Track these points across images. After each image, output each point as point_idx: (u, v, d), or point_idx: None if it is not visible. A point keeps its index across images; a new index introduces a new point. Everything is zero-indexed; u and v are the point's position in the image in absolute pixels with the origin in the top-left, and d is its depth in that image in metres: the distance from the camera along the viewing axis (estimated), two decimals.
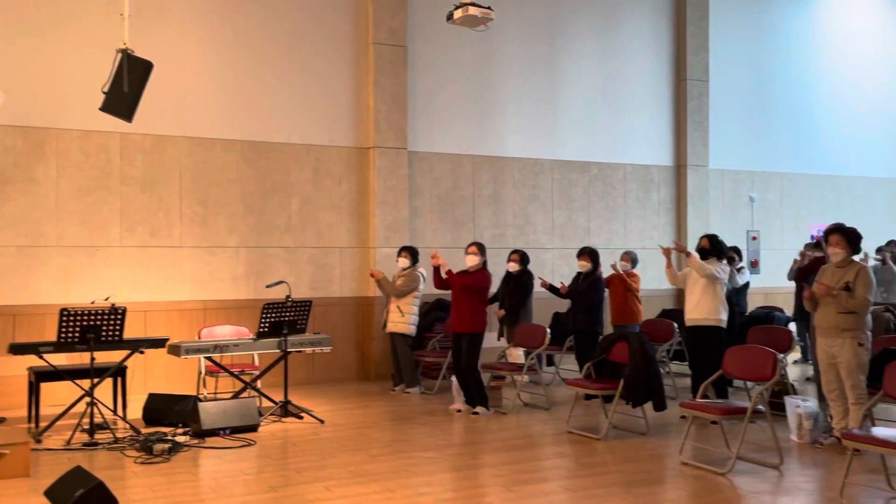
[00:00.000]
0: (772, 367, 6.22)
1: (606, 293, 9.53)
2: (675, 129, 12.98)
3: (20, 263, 8.95)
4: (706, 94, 13.08)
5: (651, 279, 11.51)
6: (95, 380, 7.11)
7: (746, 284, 10.80)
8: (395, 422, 8.03)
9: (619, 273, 9.57)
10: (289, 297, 8.06)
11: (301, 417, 7.94)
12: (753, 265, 13.30)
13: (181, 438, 6.94)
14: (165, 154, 9.68)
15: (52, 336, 7.48)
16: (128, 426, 7.33)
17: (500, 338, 9.90)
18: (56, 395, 7.95)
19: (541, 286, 9.58)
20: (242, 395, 8.01)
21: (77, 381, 7.27)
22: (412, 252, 9.62)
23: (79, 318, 6.98)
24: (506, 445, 7.03)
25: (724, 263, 8.02)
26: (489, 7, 8.32)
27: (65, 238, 9.16)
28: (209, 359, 8.09)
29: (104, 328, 7.07)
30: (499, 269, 9.84)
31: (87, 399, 7.03)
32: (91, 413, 6.98)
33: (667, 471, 6.20)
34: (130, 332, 8.20)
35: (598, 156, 12.38)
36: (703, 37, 13.05)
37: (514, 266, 9.76)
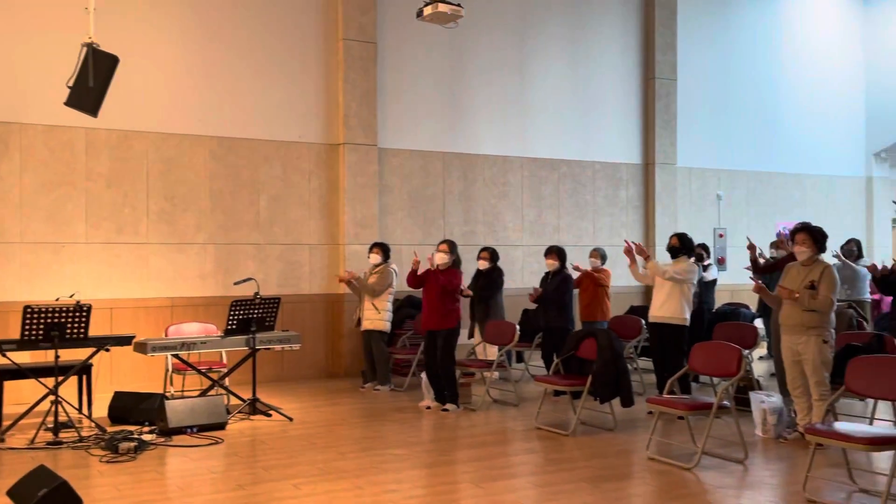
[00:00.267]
0: (737, 363, 6.30)
1: (576, 290, 9.58)
2: (644, 128, 13.08)
3: None
4: (674, 93, 13.19)
5: (619, 276, 11.56)
6: (60, 378, 7.02)
7: (714, 281, 10.92)
8: (365, 419, 8.02)
9: (587, 271, 9.62)
10: (257, 294, 8.01)
11: (269, 415, 7.90)
12: (720, 262, 13.45)
13: (147, 437, 6.89)
14: (132, 150, 9.57)
15: (16, 334, 7.36)
16: (93, 425, 7.25)
17: (471, 336, 9.91)
18: (19, 394, 7.83)
19: (530, 300, 9.52)
20: (210, 393, 7.95)
21: (41, 380, 7.17)
22: (384, 248, 9.60)
23: (43, 316, 6.88)
24: (475, 442, 7.05)
25: (692, 262, 8.08)
26: (459, 4, 8.33)
27: (29, 234, 9.03)
28: (176, 356, 8.01)
29: (69, 326, 6.98)
30: (469, 267, 9.84)
31: (52, 397, 6.94)
32: (55, 411, 6.90)
33: (634, 466, 6.25)
34: (96, 330, 8.10)
35: (568, 153, 12.45)
36: (671, 36, 13.17)
37: (484, 263, 9.79)
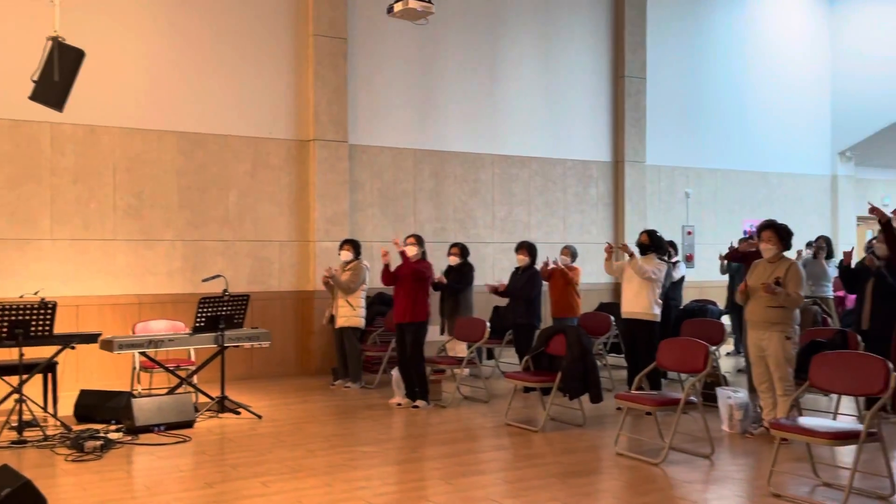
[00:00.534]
0: (703, 359, 6.36)
1: (545, 287, 9.63)
2: (614, 126, 13.17)
3: None
4: (643, 92, 13.29)
5: (589, 273, 11.66)
6: (24, 376, 6.92)
7: (682, 278, 11.01)
8: (335, 416, 8.00)
9: (559, 267, 9.67)
10: (226, 292, 7.96)
11: (238, 413, 7.85)
12: (688, 259, 13.59)
13: (114, 435, 6.81)
14: (98, 145, 9.45)
15: None
16: (58, 423, 7.15)
17: (442, 332, 9.92)
18: None
19: (488, 291, 9.66)
20: (178, 391, 7.88)
21: (5, 378, 7.08)
22: (355, 245, 9.57)
23: (7, 313, 6.78)
24: (445, 438, 7.06)
25: (662, 266, 8.17)
26: (430, 1, 8.32)
27: None
28: (143, 354, 7.94)
29: (33, 323, 6.89)
30: (440, 264, 9.86)
31: (16, 396, 6.83)
32: (20, 410, 6.80)
33: (602, 461, 6.30)
34: (62, 328, 7.98)
35: (539, 151, 12.50)
36: (641, 35, 13.26)
37: (455, 259, 9.82)
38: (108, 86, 9.44)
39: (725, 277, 11.45)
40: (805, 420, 5.72)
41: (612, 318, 9.63)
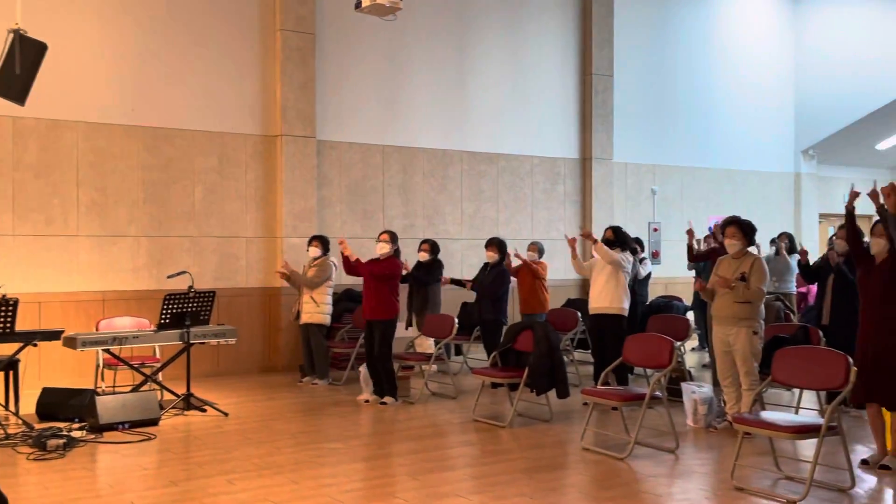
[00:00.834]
0: (669, 355, 6.43)
1: (513, 283, 9.67)
2: (581, 123, 13.24)
3: None
4: (611, 89, 13.37)
5: (557, 269, 11.72)
6: None
7: (648, 275, 11.12)
8: (302, 413, 7.96)
9: (526, 261, 9.71)
10: (191, 288, 7.89)
11: (204, 410, 7.79)
12: (654, 256, 13.71)
13: (77, 434, 6.72)
14: (61, 139, 9.31)
15: None
16: (20, 422, 7.05)
17: (409, 328, 9.92)
18: None
19: (444, 283, 9.71)
20: (143, 389, 7.79)
21: None
22: (323, 241, 9.53)
23: None
24: (413, 435, 7.07)
25: (628, 254, 8.24)
26: None
27: None
28: (107, 351, 7.85)
29: None
30: (410, 260, 9.84)
31: None
32: None
33: (569, 456, 6.34)
34: (24, 325, 7.86)
35: (507, 148, 12.53)
36: (608, 32, 13.34)
37: (425, 256, 9.82)
38: (72, 80, 9.30)
39: (691, 273, 11.55)
40: (767, 414, 5.80)
41: (580, 314, 9.70)
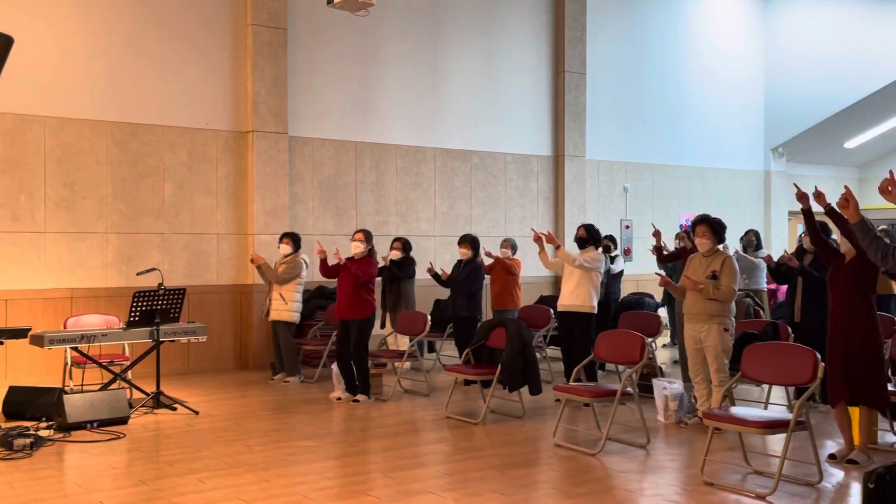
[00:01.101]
0: (640, 351, 6.46)
1: (487, 280, 9.68)
2: (554, 120, 13.28)
3: None
4: (583, 87, 13.43)
5: (530, 266, 11.74)
6: None
7: (620, 273, 11.18)
8: (274, 411, 7.91)
9: (499, 258, 9.73)
10: (161, 285, 7.80)
11: (174, 409, 7.72)
12: (626, 253, 13.80)
13: (44, 433, 6.63)
14: (28, 134, 9.17)
15: None
16: None
17: (383, 325, 9.89)
18: None
19: (426, 272, 9.63)
20: (112, 387, 7.70)
21: None
22: (294, 238, 9.48)
23: None
24: (385, 432, 7.05)
25: (599, 252, 8.27)
26: None
27: None
28: (75, 349, 7.75)
29: None
30: (386, 255, 9.82)
31: None
32: None
33: (541, 453, 6.36)
34: None
35: (480, 145, 12.53)
36: (581, 30, 13.39)
37: (397, 253, 9.80)
38: (39, 74, 9.16)
39: (663, 271, 11.63)
40: (737, 410, 5.85)
41: (552, 311, 9.72)
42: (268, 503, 5.06)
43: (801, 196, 6.39)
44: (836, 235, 6.58)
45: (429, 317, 8.83)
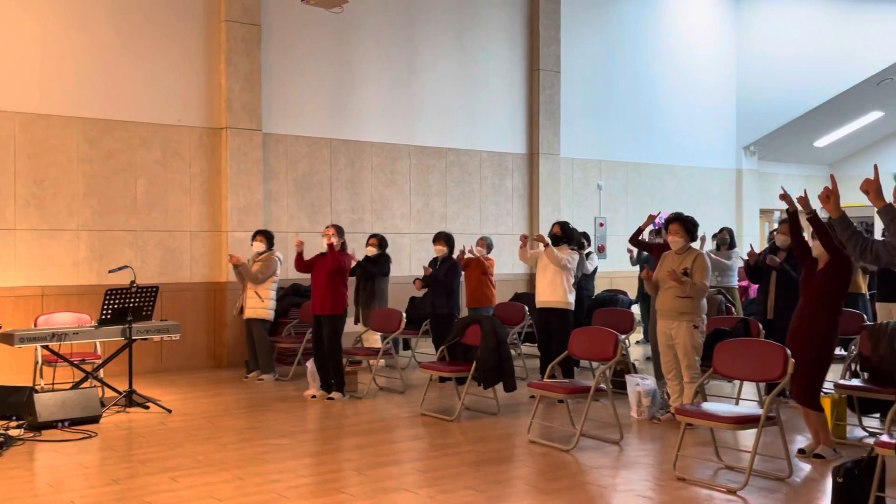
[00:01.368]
0: (613, 348, 6.51)
1: (462, 276, 9.69)
2: (529, 118, 13.32)
3: None
4: (558, 85, 13.48)
5: (504, 263, 11.80)
6: None
7: (594, 270, 11.24)
8: (248, 409, 7.88)
9: (476, 256, 9.75)
10: (133, 283, 7.74)
11: (147, 407, 7.66)
12: (600, 250, 13.88)
13: (14, 432, 6.56)
14: None
15: None
16: None
17: (357, 322, 9.88)
18: None
19: (424, 275, 9.54)
20: (83, 386, 7.63)
21: None
22: (267, 236, 9.43)
23: None
24: (360, 430, 7.05)
25: (574, 251, 8.32)
26: None
27: None
28: (46, 348, 7.66)
29: None
30: (356, 252, 9.79)
31: None
32: None
33: (515, 449, 6.39)
34: None
35: (455, 142, 12.54)
36: (556, 29, 13.44)
37: (373, 250, 9.78)
38: (9, 69, 9.04)
39: (636, 268, 11.72)
40: (709, 406, 5.92)
41: (527, 308, 9.76)
42: (242, 501, 5.04)
43: (786, 198, 6.46)
44: (807, 235, 6.66)
45: (404, 314, 8.83)
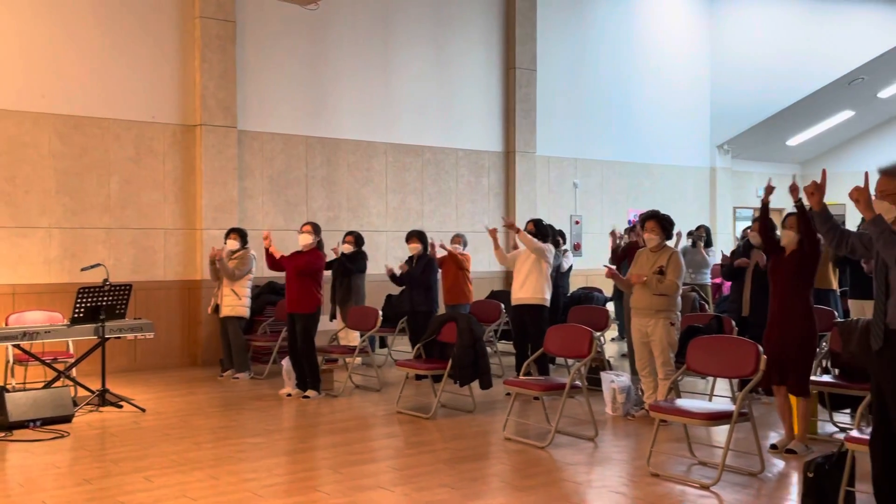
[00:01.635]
0: (588, 345, 6.54)
1: (439, 273, 9.69)
2: (505, 116, 13.34)
3: None
4: (534, 83, 13.52)
5: (481, 261, 11.81)
6: None
7: (570, 268, 11.29)
8: (223, 408, 7.84)
9: (452, 253, 9.75)
10: (106, 281, 7.67)
11: (121, 406, 7.59)
12: (576, 248, 13.95)
13: None
14: None
15: None
16: None
17: (333, 319, 9.85)
18: None
19: (387, 273, 9.59)
20: (55, 385, 7.55)
21: None
22: (241, 234, 9.37)
23: None
24: (336, 428, 7.03)
25: (551, 246, 8.35)
26: None
27: None
28: (18, 346, 7.57)
29: None
30: (337, 247, 9.77)
31: None
32: None
33: (491, 446, 6.40)
34: None
35: (432, 140, 12.54)
36: (531, 27, 13.47)
37: (349, 248, 9.75)
38: None
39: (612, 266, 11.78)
40: (682, 402, 5.97)
41: (503, 306, 9.79)
42: (216, 500, 5.01)
43: (770, 189, 6.66)
44: (779, 231, 6.72)
45: (380, 312, 8.82)
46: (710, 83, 16.32)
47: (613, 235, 9.33)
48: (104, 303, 7.58)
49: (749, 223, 8.36)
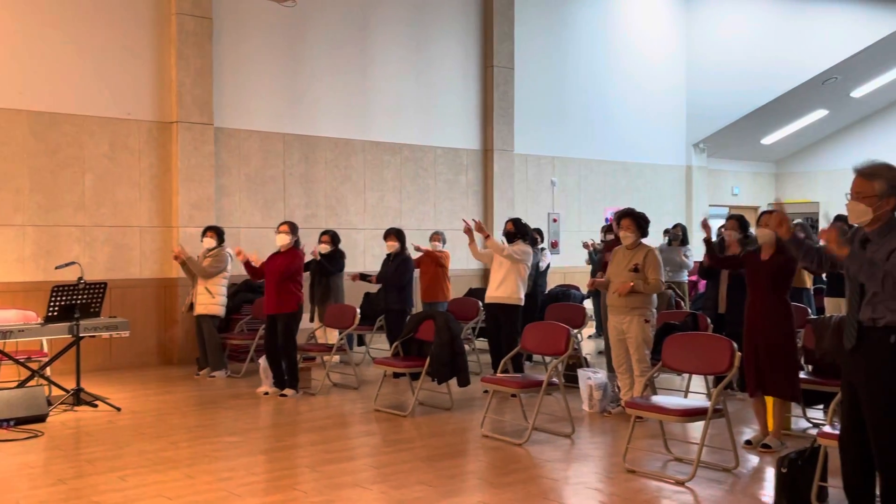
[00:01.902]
0: (565, 342, 6.57)
1: (417, 272, 9.70)
2: (483, 114, 13.36)
3: None
4: (511, 82, 13.54)
5: (459, 259, 11.81)
6: None
7: (547, 266, 11.33)
8: (199, 407, 7.79)
9: (428, 251, 9.76)
10: (81, 279, 7.60)
11: (95, 406, 7.53)
12: (554, 246, 14.00)
13: None
14: None
15: None
16: None
17: (312, 319, 9.82)
18: None
19: (351, 279, 9.66)
20: (29, 384, 7.47)
21: None
22: (218, 232, 9.32)
23: None
24: (313, 426, 7.02)
25: (528, 247, 8.36)
26: None
27: None
28: None
29: None
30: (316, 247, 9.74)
31: None
32: None
33: (469, 444, 6.42)
34: None
35: (410, 138, 12.53)
36: (509, 25, 13.50)
37: (326, 247, 9.73)
38: None
39: (589, 267, 11.87)
40: (658, 399, 6.01)
41: (481, 304, 9.80)
42: (193, 500, 4.99)
43: (707, 227, 6.88)
44: (753, 229, 6.79)
45: (358, 310, 8.81)
46: (686, 82, 16.43)
47: (586, 246, 9.37)
48: (79, 301, 7.52)
49: (723, 221, 8.39)
